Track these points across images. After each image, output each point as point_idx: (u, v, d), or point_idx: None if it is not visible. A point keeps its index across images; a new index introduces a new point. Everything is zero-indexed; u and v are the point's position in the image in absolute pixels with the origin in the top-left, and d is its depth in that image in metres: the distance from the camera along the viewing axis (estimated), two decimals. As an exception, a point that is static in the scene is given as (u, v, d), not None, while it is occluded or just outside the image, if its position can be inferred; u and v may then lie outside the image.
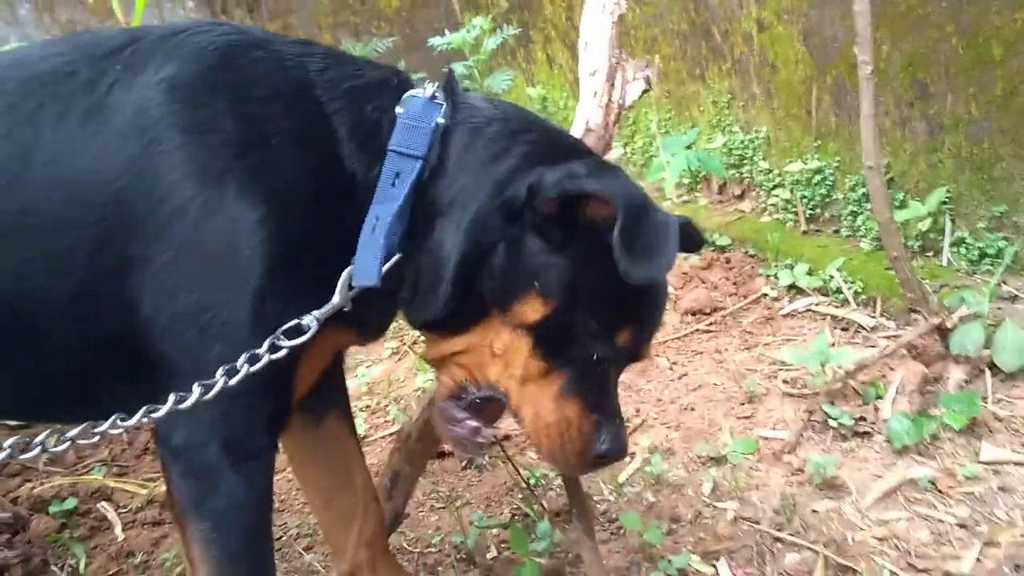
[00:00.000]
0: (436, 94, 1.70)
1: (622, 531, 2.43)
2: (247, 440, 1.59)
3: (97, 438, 1.41)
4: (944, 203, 3.36)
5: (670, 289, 3.85)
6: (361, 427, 3.26)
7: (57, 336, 1.55)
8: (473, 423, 1.75)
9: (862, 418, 2.72)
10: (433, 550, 2.52)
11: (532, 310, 1.60)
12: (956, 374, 2.76)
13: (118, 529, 2.85)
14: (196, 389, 1.44)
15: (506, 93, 4.60)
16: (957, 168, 3.34)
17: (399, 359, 3.79)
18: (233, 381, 1.46)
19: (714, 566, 2.24)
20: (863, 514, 2.37)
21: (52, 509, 2.91)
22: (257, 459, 1.64)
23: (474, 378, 1.71)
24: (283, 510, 2.83)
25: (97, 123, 1.50)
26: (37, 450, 1.38)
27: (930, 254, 3.46)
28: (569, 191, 1.56)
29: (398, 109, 1.67)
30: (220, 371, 1.46)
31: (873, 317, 3.29)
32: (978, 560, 2.14)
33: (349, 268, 1.59)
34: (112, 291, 1.51)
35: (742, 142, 4.33)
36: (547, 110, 5.45)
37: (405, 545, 2.56)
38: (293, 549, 2.62)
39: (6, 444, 1.36)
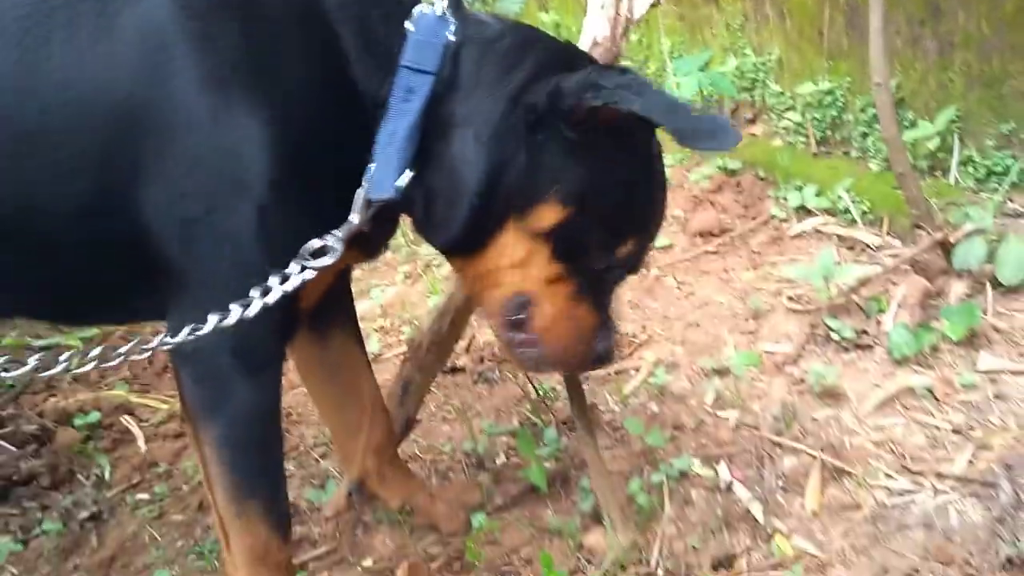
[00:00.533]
0: (445, 11, 1.69)
1: (626, 439, 2.51)
2: (257, 348, 1.65)
3: (149, 353, 1.50)
4: (953, 122, 3.36)
5: (679, 212, 3.88)
6: (375, 346, 3.34)
7: (69, 243, 1.61)
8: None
9: (864, 331, 2.77)
10: (445, 457, 2.61)
11: (550, 215, 1.66)
12: (958, 288, 2.79)
13: (141, 441, 2.95)
14: (235, 308, 1.50)
15: (517, 18, 4.59)
16: (967, 86, 3.33)
17: (413, 282, 3.85)
18: (270, 299, 1.52)
19: (714, 469, 2.32)
20: (861, 421, 2.43)
21: (76, 422, 3.02)
22: (267, 367, 1.71)
23: (505, 297, 1.77)
24: (300, 422, 2.93)
25: (106, 33, 1.53)
26: (92, 364, 1.46)
27: (938, 173, 3.47)
28: (610, 103, 1.55)
29: (408, 25, 1.67)
30: (255, 291, 1.52)
31: (879, 236, 3.31)
32: (970, 462, 2.21)
33: (363, 187, 1.62)
34: (121, 199, 1.55)
35: (754, 65, 4.31)
36: (560, 36, 5.43)
37: (418, 453, 2.65)
38: (309, 457, 2.72)
39: (32, 359, 1.42)
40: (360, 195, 1.61)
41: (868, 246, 3.29)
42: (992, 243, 2.82)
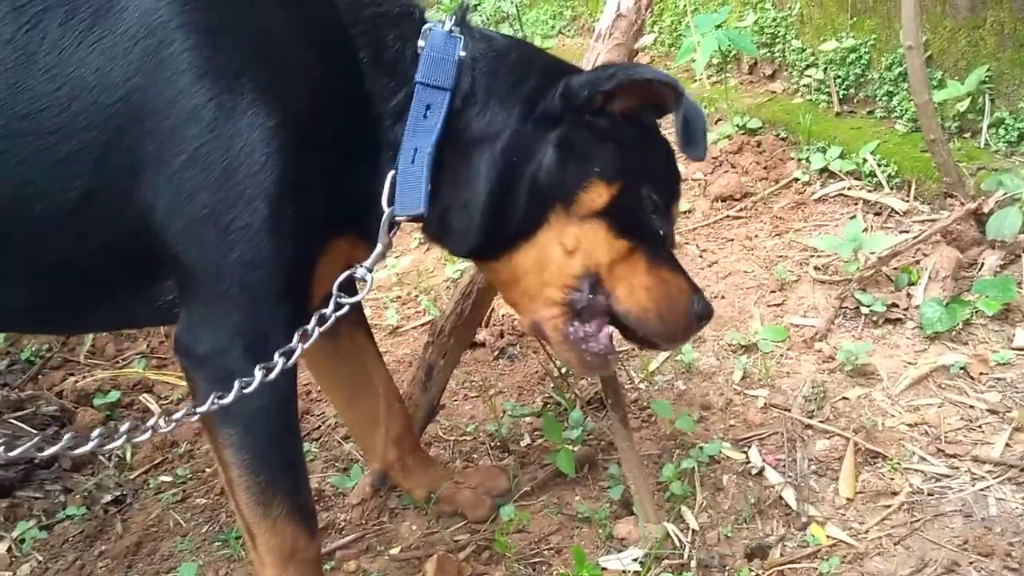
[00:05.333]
0: (453, 28, 1.75)
1: (653, 419, 2.47)
2: (270, 343, 1.60)
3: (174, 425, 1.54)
4: (984, 82, 3.25)
5: (699, 175, 3.80)
6: (392, 318, 3.30)
7: (65, 243, 1.58)
8: (608, 329, 1.83)
9: (894, 305, 2.70)
10: (468, 438, 2.58)
11: (598, 195, 1.71)
12: (991, 259, 2.72)
13: (161, 420, 2.92)
14: (279, 360, 1.57)
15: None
16: (999, 45, 3.22)
17: (427, 249, 3.79)
18: (309, 343, 1.60)
19: (745, 453, 2.28)
20: (894, 401, 2.39)
21: (96, 402, 3.00)
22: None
23: (569, 284, 1.76)
24: (320, 400, 2.89)
25: (104, 25, 1.49)
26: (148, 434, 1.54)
27: (967, 136, 3.37)
28: (627, 80, 1.70)
29: (420, 42, 1.72)
30: (296, 337, 1.59)
31: (907, 201, 3.23)
32: (1007, 445, 2.17)
33: (388, 210, 1.66)
34: (122, 195, 1.53)
35: (774, 20, 4.19)
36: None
37: (441, 434, 2.62)
38: (332, 438, 2.69)
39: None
40: (385, 220, 1.67)
41: (895, 211, 3.22)
42: (1027, 212, 2.74)
